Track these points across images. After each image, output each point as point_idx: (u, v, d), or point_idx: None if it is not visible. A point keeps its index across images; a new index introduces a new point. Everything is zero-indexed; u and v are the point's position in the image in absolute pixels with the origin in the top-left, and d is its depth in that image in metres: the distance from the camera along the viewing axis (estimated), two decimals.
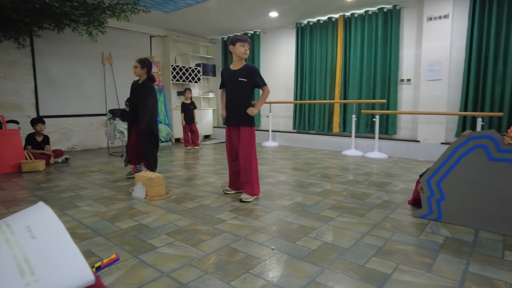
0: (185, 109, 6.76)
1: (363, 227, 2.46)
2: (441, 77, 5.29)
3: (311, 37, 6.93)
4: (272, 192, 3.45)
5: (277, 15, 6.51)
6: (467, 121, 5.20)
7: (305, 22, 6.96)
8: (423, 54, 5.46)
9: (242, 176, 3.17)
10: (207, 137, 8.74)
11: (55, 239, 0.38)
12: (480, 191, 2.45)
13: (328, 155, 5.97)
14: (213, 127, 8.86)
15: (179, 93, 7.92)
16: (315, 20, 6.82)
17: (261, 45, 7.89)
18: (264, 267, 1.86)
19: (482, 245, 2.15)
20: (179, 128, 7.17)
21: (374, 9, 6.01)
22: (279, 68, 7.68)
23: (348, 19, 6.39)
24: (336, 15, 6.50)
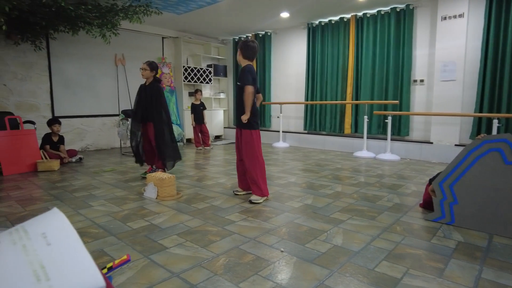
0: (195, 110, 6.82)
1: (374, 230, 2.44)
2: (455, 77, 5.19)
3: (322, 37, 6.89)
4: (282, 193, 3.45)
5: (288, 15, 6.50)
6: (483, 122, 5.09)
7: (317, 22, 6.92)
8: (437, 54, 5.37)
9: (248, 177, 3.20)
10: (217, 138, 8.79)
11: (68, 246, 0.39)
12: (495, 195, 2.40)
13: (339, 156, 5.93)
14: (224, 127, 8.90)
15: (191, 94, 7.99)
16: (326, 20, 6.78)
17: (272, 45, 7.89)
18: (273, 269, 1.86)
19: (496, 251, 2.10)
20: (190, 128, 7.23)
21: (386, 9, 5.94)
22: (290, 68, 7.67)
23: (360, 19, 6.33)
24: (348, 15, 6.45)
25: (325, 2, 5.69)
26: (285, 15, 6.45)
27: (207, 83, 8.27)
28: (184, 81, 7.75)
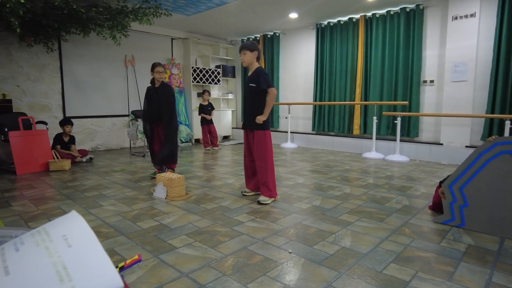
0: (203, 110, 6.87)
1: (382, 232, 2.43)
2: (466, 78, 5.13)
3: (331, 37, 6.87)
4: (290, 194, 3.46)
5: (296, 16, 6.49)
6: (494, 123, 5.02)
7: (325, 23, 6.91)
8: (447, 54, 5.30)
9: (259, 178, 3.20)
10: (226, 138, 8.83)
11: (88, 248, 0.41)
12: (506, 198, 2.37)
13: (348, 157, 5.91)
14: (232, 128, 8.93)
15: (199, 95, 8.04)
16: (335, 20, 6.76)
17: (281, 46, 7.90)
18: (281, 270, 1.87)
19: (507, 255, 2.08)
20: (199, 129, 7.28)
21: (396, 9, 5.89)
22: (298, 69, 7.66)
23: (369, 20, 6.29)
24: (357, 16, 6.42)
25: (334, 2, 5.67)
26: (293, 15, 6.45)
27: (216, 83, 8.31)
28: (193, 82, 7.80)
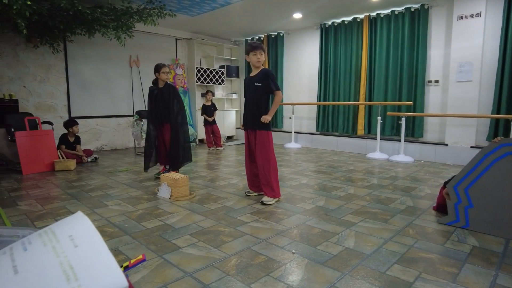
0: (206, 111, 6.90)
1: (386, 233, 2.42)
2: (471, 78, 5.09)
3: (335, 38, 6.86)
4: (294, 195, 3.46)
5: (301, 16, 6.49)
6: (500, 124, 4.98)
7: (329, 23, 6.89)
8: (453, 54, 5.27)
9: (261, 179, 3.20)
10: (229, 138, 8.84)
11: (94, 248, 0.42)
12: (511, 199, 2.35)
13: (352, 157, 5.89)
14: (236, 128, 8.94)
15: (203, 95, 8.06)
16: (339, 20, 6.74)
17: (285, 46, 7.90)
18: (284, 270, 1.88)
19: None
20: (203, 129, 7.30)
21: (400, 8, 5.87)
22: (302, 69, 7.66)
23: (373, 20, 6.27)
24: (361, 16, 6.40)
25: (338, 2, 5.66)
26: (297, 16, 6.45)
27: (220, 84, 8.33)
28: (197, 82, 7.83)
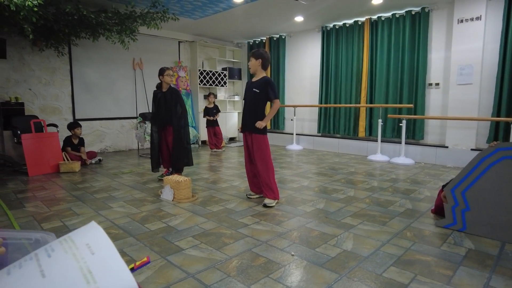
0: (208, 113, 6.97)
1: (384, 236, 2.48)
2: (472, 81, 5.13)
3: (336, 40, 6.91)
4: (294, 197, 3.52)
5: (302, 19, 6.55)
6: (500, 127, 5.01)
7: (331, 25, 6.95)
8: (453, 57, 5.31)
9: (261, 181, 3.27)
10: (232, 140, 8.91)
11: (108, 255, 0.48)
12: (508, 202, 2.40)
13: (353, 159, 5.94)
14: (238, 129, 9.01)
15: (206, 97, 8.14)
16: (341, 23, 6.79)
17: (287, 48, 7.96)
18: (283, 272, 1.94)
19: (508, 259, 2.11)
20: (205, 130, 7.36)
21: (401, 12, 5.91)
22: (304, 71, 7.71)
23: (374, 22, 6.32)
24: (362, 19, 6.45)
25: (340, 6, 5.72)
26: (299, 19, 6.51)
27: (222, 86, 8.40)
28: (199, 84, 7.90)
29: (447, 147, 5.43)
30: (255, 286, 1.79)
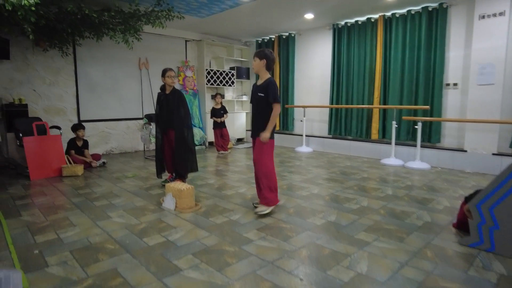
0: (215, 114, 6.79)
1: (402, 255, 2.25)
2: (494, 81, 4.81)
3: (348, 38, 6.64)
4: (303, 207, 3.30)
5: (312, 16, 6.30)
6: None
7: (342, 23, 6.67)
8: (473, 55, 5.00)
9: (260, 184, 3.12)
10: (240, 141, 8.72)
11: None
12: None
13: (366, 163, 5.69)
14: (246, 130, 8.81)
15: (213, 97, 7.95)
16: (353, 21, 6.51)
17: (296, 46, 7.70)
18: None
19: None
20: (212, 131, 7.19)
21: (417, 8, 5.61)
22: (314, 70, 7.45)
23: (388, 19, 6.03)
24: (375, 16, 6.16)
25: (351, 2, 5.44)
26: (309, 16, 6.26)
27: (230, 85, 8.20)
28: (207, 84, 7.71)
29: (466, 151, 5.13)
30: None
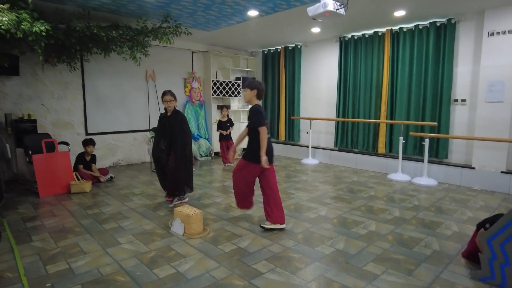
0: (222, 127, 6.80)
1: None
2: (503, 98, 4.78)
3: (355, 51, 6.62)
4: (312, 233, 3.30)
5: (319, 30, 6.29)
6: None
7: (349, 36, 6.66)
8: (482, 72, 4.97)
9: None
10: (245, 150, 8.71)
11: None
12: None
13: (373, 177, 5.67)
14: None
15: (219, 107, 7.98)
16: (359, 34, 6.50)
17: (302, 58, 7.70)
18: None
19: None
20: (218, 143, 7.20)
21: (425, 23, 5.58)
22: (320, 82, 7.44)
23: (396, 34, 6.01)
24: (383, 29, 6.14)
25: (359, 18, 5.43)
26: (316, 30, 6.26)
27: (236, 96, 8.22)
28: (213, 95, 7.73)
29: (474, 168, 5.10)
30: None
